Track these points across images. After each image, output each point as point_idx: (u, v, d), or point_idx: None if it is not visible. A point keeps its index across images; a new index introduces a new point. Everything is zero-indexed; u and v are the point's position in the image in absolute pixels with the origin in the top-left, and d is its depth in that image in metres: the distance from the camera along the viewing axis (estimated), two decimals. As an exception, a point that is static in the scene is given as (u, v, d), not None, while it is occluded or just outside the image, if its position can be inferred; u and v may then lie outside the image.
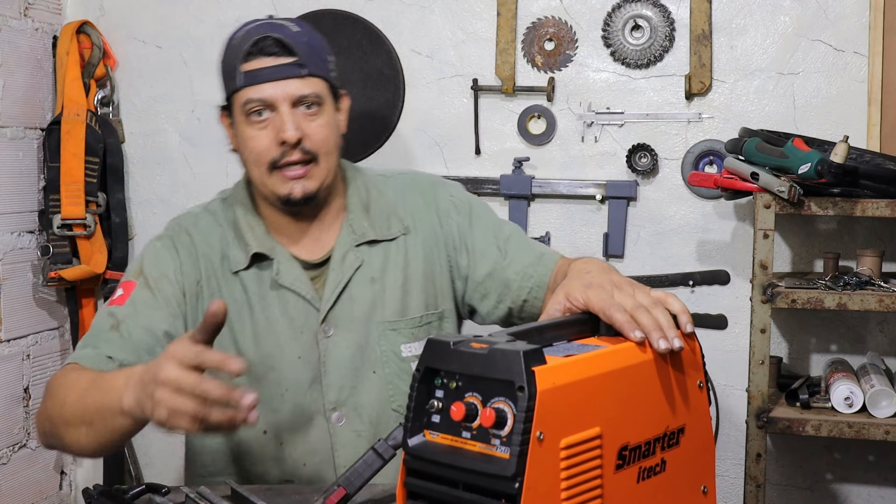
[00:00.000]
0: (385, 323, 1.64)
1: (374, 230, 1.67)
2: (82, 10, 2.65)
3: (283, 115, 1.55)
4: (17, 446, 2.48)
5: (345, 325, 1.62)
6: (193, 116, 2.66)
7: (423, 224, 1.70)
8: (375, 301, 1.64)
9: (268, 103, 1.56)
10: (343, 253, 1.65)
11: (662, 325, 1.13)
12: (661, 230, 2.47)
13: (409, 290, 1.67)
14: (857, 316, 2.40)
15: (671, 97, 2.44)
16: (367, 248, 1.66)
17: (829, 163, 1.97)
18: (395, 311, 1.65)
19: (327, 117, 1.61)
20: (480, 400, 1.02)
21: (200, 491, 1.38)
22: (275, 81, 1.55)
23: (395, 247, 1.67)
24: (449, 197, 1.74)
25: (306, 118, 1.58)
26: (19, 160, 2.47)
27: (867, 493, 2.43)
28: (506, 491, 0.98)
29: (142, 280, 1.61)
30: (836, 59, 2.37)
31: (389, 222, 1.68)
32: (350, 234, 1.65)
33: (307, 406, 1.61)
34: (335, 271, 1.63)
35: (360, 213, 1.67)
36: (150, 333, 1.56)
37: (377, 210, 1.69)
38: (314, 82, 1.58)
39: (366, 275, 1.64)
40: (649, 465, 1.11)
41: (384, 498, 1.42)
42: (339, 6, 2.55)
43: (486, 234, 1.70)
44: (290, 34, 1.57)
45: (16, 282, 2.46)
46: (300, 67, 1.56)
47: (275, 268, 1.62)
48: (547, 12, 2.48)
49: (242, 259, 1.63)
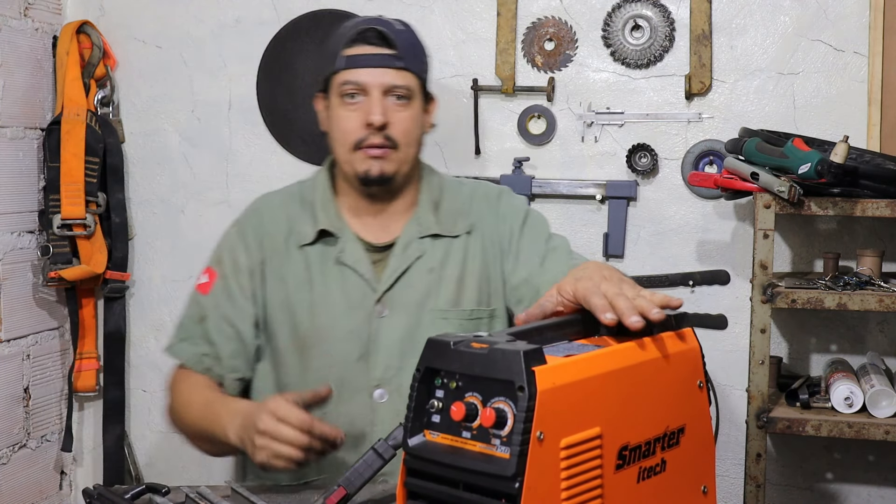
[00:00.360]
0: (438, 311, 1.73)
1: (440, 226, 1.77)
2: (82, 10, 2.65)
3: (372, 100, 1.68)
4: (17, 446, 2.48)
5: (399, 308, 1.72)
6: (193, 116, 2.66)
7: (486, 227, 1.80)
8: (430, 290, 1.74)
9: (361, 87, 1.68)
10: (406, 242, 1.75)
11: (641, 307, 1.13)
12: (661, 230, 2.47)
13: (464, 284, 1.76)
14: (857, 316, 2.40)
15: (671, 97, 2.44)
16: (429, 240, 1.76)
17: (829, 163, 1.97)
18: (449, 301, 1.74)
19: (413, 112, 1.73)
20: (480, 400, 1.02)
21: (200, 491, 1.38)
22: (371, 68, 1.68)
23: (457, 244, 1.77)
24: (510, 204, 1.84)
25: (394, 108, 1.70)
26: (19, 160, 2.47)
27: (867, 493, 2.43)
28: (506, 491, 0.98)
29: (220, 270, 1.78)
30: (836, 59, 2.37)
31: (455, 221, 1.79)
32: (416, 226, 1.76)
33: (352, 380, 1.70)
34: (396, 257, 1.74)
35: (428, 208, 1.78)
36: (229, 324, 1.74)
37: (446, 209, 1.79)
38: (407, 76, 1.70)
39: (425, 265, 1.74)
40: (649, 465, 1.12)
41: (384, 498, 1.42)
42: (339, 6, 2.55)
43: (533, 242, 1.79)
44: (393, 30, 1.71)
45: (16, 282, 2.46)
46: (396, 59, 1.69)
47: (339, 246, 1.74)
48: (547, 12, 2.48)
49: (310, 234, 1.75)
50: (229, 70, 2.63)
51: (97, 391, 2.66)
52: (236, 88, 2.63)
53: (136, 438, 2.71)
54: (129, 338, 2.70)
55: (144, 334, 2.71)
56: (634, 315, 1.12)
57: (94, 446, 2.73)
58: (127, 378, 2.70)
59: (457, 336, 1.08)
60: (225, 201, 2.65)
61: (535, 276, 1.73)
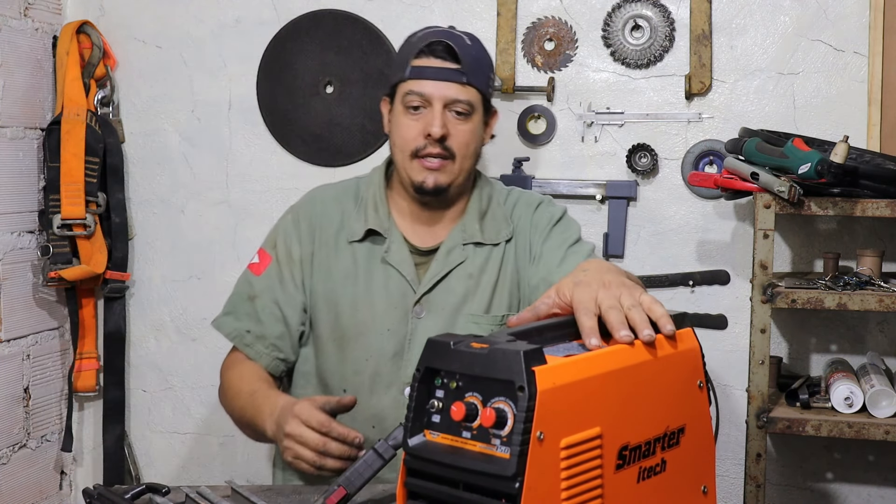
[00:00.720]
0: (471, 315, 1.79)
1: (483, 235, 1.83)
2: (82, 10, 2.65)
3: (434, 112, 1.75)
4: (17, 446, 2.48)
5: (436, 310, 1.78)
6: (193, 116, 2.66)
7: (522, 235, 1.86)
8: (468, 295, 1.80)
9: (425, 98, 1.75)
10: (450, 248, 1.82)
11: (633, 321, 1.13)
12: (661, 230, 2.47)
13: (497, 291, 1.82)
14: (857, 316, 2.40)
15: (671, 97, 2.44)
16: (472, 247, 1.82)
17: (829, 163, 1.97)
18: (482, 307, 1.80)
19: (473, 126, 1.79)
20: (480, 400, 1.02)
21: (200, 491, 1.38)
22: (436, 81, 1.75)
23: (496, 251, 1.83)
24: (546, 212, 1.88)
25: (455, 121, 1.76)
26: (19, 160, 2.47)
27: (867, 493, 2.43)
28: (506, 491, 0.98)
29: (275, 254, 1.85)
30: (836, 59, 2.37)
31: (499, 229, 1.85)
32: (461, 233, 1.83)
33: (386, 375, 1.77)
34: (438, 262, 1.81)
35: (475, 217, 1.85)
36: (278, 307, 1.82)
37: (491, 218, 1.85)
38: (470, 91, 1.77)
39: (465, 270, 1.81)
40: (649, 465, 1.12)
41: (384, 498, 1.42)
42: (339, 6, 2.55)
43: (558, 244, 1.83)
44: (461, 44, 1.77)
45: (16, 282, 2.46)
46: (461, 75, 1.75)
47: (386, 245, 1.82)
48: (547, 12, 2.48)
49: (359, 231, 1.82)
50: (229, 70, 2.63)
51: (97, 391, 2.66)
52: (236, 88, 2.63)
53: (136, 438, 2.71)
54: (129, 338, 2.70)
55: (144, 334, 2.71)
56: (624, 329, 1.12)
57: (94, 446, 2.73)
58: (127, 378, 2.70)
59: (457, 336, 1.08)
60: (225, 201, 2.65)
61: (552, 274, 1.76)
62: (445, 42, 1.75)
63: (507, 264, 1.83)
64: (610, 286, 1.20)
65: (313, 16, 2.57)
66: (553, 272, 1.77)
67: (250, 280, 1.86)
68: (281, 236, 1.87)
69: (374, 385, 1.77)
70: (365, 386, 1.78)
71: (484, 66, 1.81)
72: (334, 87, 2.56)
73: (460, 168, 1.78)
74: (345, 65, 2.55)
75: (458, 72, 1.75)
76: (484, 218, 1.85)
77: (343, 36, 2.55)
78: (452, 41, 1.76)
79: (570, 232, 1.86)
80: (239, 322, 1.83)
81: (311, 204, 1.89)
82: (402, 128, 1.78)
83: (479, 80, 1.79)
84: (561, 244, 1.82)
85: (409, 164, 1.78)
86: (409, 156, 1.78)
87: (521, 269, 1.84)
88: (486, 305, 1.80)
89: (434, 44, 1.76)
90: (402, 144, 1.78)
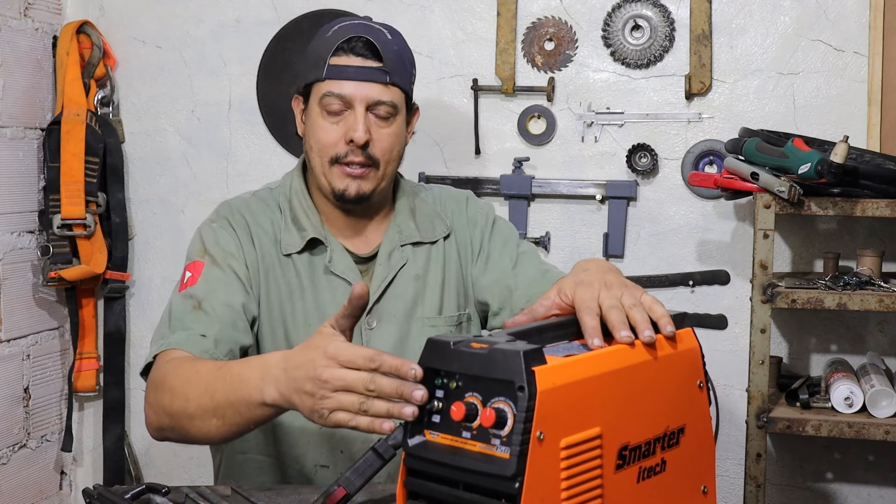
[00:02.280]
0: (425, 319, 1.71)
1: (420, 233, 1.73)
2: (82, 10, 2.65)
3: (356, 116, 1.61)
4: (17, 446, 2.48)
5: (387, 319, 1.68)
6: (193, 116, 2.66)
7: (458, 230, 1.78)
8: (417, 298, 1.71)
9: (345, 100, 1.61)
10: (389, 251, 1.71)
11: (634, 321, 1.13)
12: (660, 230, 2.47)
13: (446, 290, 1.74)
14: (857, 316, 2.40)
15: (671, 97, 2.44)
16: (411, 248, 1.72)
17: (829, 163, 1.97)
18: (434, 308, 1.72)
19: (397, 128, 1.66)
20: (480, 400, 1.02)
21: (200, 491, 1.38)
22: (357, 81, 1.60)
23: (436, 249, 1.74)
24: (477, 208, 1.82)
25: (378, 124, 1.63)
26: (19, 160, 2.47)
27: (867, 493, 2.43)
28: (506, 491, 0.98)
29: (208, 258, 1.63)
30: (836, 59, 2.37)
31: (434, 225, 1.75)
32: (397, 234, 1.72)
33: None
34: (382, 266, 1.69)
35: (407, 216, 1.74)
36: (230, 308, 1.56)
37: (422, 214, 1.76)
38: (394, 91, 1.63)
39: (410, 272, 1.71)
40: (649, 465, 1.12)
41: (384, 498, 1.42)
42: (339, 6, 2.55)
43: (503, 245, 1.77)
44: (382, 40, 1.62)
45: (16, 282, 2.46)
46: (384, 74, 1.61)
47: (328, 255, 1.68)
48: (547, 12, 2.48)
49: (298, 243, 1.67)
50: (229, 70, 2.63)
51: (97, 391, 2.66)
52: (236, 88, 2.63)
53: (136, 438, 2.71)
54: (129, 338, 2.70)
55: (144, 334, 2.70)
56: (625, 330, 1.12)
57: (94, 446, 2.73)
58: (127, 378, 2.70)
59: (457, 336, 1.08)
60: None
61: (507, 277, 1.72)
62: (365, 38, 1.61)
63: (450, 261, 1.75)
64: (611, 286, 1.21)
65: (313, 16, 2.57)
66: (508, 275, 1.72)
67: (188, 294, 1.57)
68: (210, 240, 1.65)
69: None
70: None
71: (406, 63, 1.67)
72: (334, 87, 2.56)
73: (384, 174, 1.66)
74: (345, 65, 2.55)
75: (381, 70, 1.61)
76: (415, 215, 1.75)
77: (343, 36, 2.54)
78: (372, 36, 1.61)
79: (510, 232, 1.81)
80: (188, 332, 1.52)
81: (238, 213, 1.69)
82: (319, 132, 1.63)
83: (403, 79, 1.65)
84: (504, 245, 1.76)
85: (329, 170, 1.64)
86: (328, 162, 1.63)
87: (465, 265, 1.76)
88: (438, 306, 1.72)
89: (353, 39, 1.61)
90: (321, 150, 1.63)
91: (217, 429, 1.38)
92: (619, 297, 1.18)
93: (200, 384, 1.38)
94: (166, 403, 1.43)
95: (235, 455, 1.67)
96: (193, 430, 1.41)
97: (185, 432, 1.44)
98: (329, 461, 1.65)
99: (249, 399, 1.30)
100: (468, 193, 1.85)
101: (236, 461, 1.67)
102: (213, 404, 1.35)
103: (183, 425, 1.42)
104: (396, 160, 1.69)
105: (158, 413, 1.46)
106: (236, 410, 1.33)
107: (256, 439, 1.65)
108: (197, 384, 1.39)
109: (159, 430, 1.49)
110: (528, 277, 1.70)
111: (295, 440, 1.64)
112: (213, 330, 1.52)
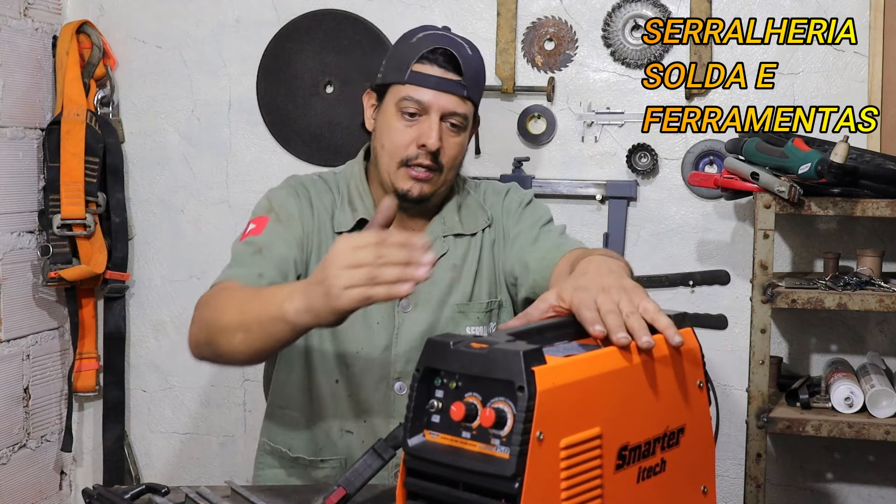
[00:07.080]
0: (457, 306, 1.78)
1: (462, 226, 1.82)
2: (82, 10, 2.65)
3: (431, 123, 1.70)
4: (17, 446, 2.48)
5: (422, 304, 1.77)
6: (193, 116, 2.66)
7: (497, 221, 1.86)
8: (452, 285, 1.79)
9: (423, 106, 1.71)
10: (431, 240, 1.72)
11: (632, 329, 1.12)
12: (661, 230, 2.47)
13: (478, 278, 1.81)
14: (857, 316, 2.40)
15: (671, 97, 2.44)
16: (452, 238, 1.81)
17: (830, 163, 1.97)
18: (465, 296, 1.80)
19: (464, 138, 1.77)
20: (480, 400, 1.02)
21: (200, 491, 1.38)
22: (437, 91, 1.70)
23: (475, 240, 1.83)
24: (514, 197, 1.88)
25: (448, 132, 1.73)
26: (19, 160, 2.47)
27: (867, 493, 2.43)
28: (506, 491, 0.98)
29: (273, 215, 1.73)
30: (836, 59, 2.37)
31: (476, 217, 1.83)
32: (441, 226, 1.81)
33: (376, 369, 1.75)
34: None
35: (453, 210, 1.83)
36: (285, 261, 1.67)
37: (467, 208, 1.84)
38: (468, 105, 1.74)
39: (448, 262, 1.79)
40: (649, 465, 1.11)
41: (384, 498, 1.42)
42: (339, 6, 2.55)
43: (530, 225, 1.82)
44: (464, 55, 1.73)
45: (16, 282, 2.46)
46: (462, 88, 1.72)
47: None
48: (547, 12, 2.48)
49: (349, 221, 1.76)
50: (229, 70, 2.63)
51: (97, 391, 2.66)
52: (236, 88, 2.63)
53: (136, 438, 2.71)
54: (129, 338, 2.70)
55: (144, 334, 2.71)
56: (621, 332, 1.11)
57: (93, 446, 2.73)
58: (127, 378, 2.70)
59: (456, 336, 1.08)
60: (225, 201, 2.65)
61: (525, 252, 1.77)
62: (450, 52, 1.71)
63: (486, 252, 1.82)
64: (609, 290, 1.19)
65: (313, 16, 2.57)
66: (526, 251, 1.77)
67: (249, 241, 1.69)
68: (277, 201, 1.75)
69: (364, 377, 1.75)
70: (356, 378, 1.75)
71: (481, 80, 1.79)
72: (334, 87, 2.56)
73: (445, 179, 1.76)
74: (345, 65, 2.55)
75: (459, 84, 1.71)
76: (461, 210, 1.83)
77: (343, 36, 2.55)
78: (455, 50, 1.72)
79: (540, 213, 1.85)
80: (247, 269, 1.63)
81: (302, 186, 1.80)
82: (394, 132, 1.73)
83: (476, 94, 1.76)
84: (532, 225, 1.81)
85: (396, 171, 1.73)
86: (397, 163, 1.73)
87: (498, 254, 1.84)
88: (469, 294, 1.80)
89: (439, 50, 1.71)
90: (392, 150, 1.73)
91: (241, 343, 1.46)
92: (617, 303, 1.16)
93: (237, 301, 1.50)
94: (206, 317, 1.54)
95: (276, 409, 1.81)
96: (222, 344, 1.50)
97: (216, 346, 1.52)
98: (353, 427, 1.75)
99: (273, 314, 1.39)
100: (512, 185, 1.92)
101: (276, 414, 1.81)
102: (242, 318, 1.45)
103: (214, 338, 1.51)
104: (457, 168, 1.80)
105: (199, 327, 1.56)
106: (261, 324, 1.42)
107: (296, 398, 1.78)
108: (234, 301, 1.50)
109: (197, 347, 1.58)
110: (543, 252, 1.74)
111: (326, 403, 1.76)
112: (269, 273, 1.63)
